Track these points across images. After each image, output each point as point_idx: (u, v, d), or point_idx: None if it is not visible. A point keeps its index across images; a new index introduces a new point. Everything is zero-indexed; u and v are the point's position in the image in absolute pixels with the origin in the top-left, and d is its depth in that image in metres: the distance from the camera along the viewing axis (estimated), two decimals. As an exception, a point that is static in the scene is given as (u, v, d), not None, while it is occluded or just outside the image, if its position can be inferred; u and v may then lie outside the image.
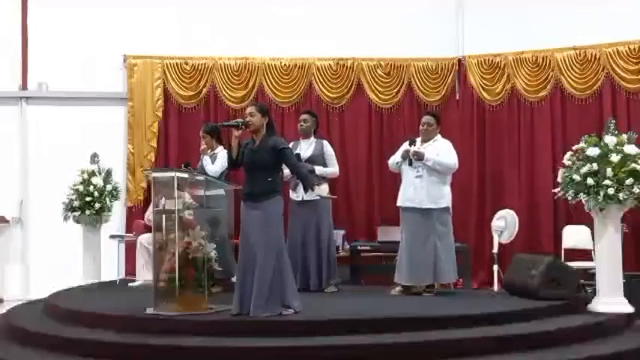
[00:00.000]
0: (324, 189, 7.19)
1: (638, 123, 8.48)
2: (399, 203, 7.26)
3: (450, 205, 7.19)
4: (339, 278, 7.52)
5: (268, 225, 5.65)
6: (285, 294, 5.66)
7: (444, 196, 7.10)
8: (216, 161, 7.43)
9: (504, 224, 7.81)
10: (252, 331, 5.33)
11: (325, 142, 7.62)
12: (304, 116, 7.63)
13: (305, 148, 7.47)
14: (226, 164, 7.36)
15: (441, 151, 7.12)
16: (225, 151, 7.47)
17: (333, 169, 7.52)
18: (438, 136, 7.29)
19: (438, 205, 7.05)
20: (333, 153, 7.59)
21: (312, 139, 7.55)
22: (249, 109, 5.90)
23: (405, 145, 7.24)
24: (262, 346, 5.05)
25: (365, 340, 5.16)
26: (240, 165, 5.94)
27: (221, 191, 6.72)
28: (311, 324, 5.46)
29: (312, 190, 5.91)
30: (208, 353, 5.03)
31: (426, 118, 7.31)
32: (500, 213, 7.98)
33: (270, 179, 5.73)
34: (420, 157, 7.04)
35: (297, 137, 7.70)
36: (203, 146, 7.62)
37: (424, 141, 7.19)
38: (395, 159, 7.31)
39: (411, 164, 7.10)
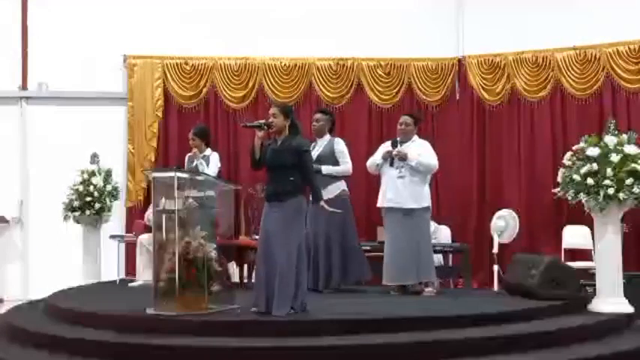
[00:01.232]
0: (331, 190, 7.16)
1: (638, 123, 8.49)
2: (379, 204, 7.26)
3: (430, 205, 7.22)
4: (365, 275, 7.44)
5: (290, 224, 5.62)
6: (297, 295, 5.66)
7: (425, 196, 7.13)
8: (210, 165, 7.40)
9: (504, 224, 7.81)
10: (252, 332, 5.32)
11: (337, 140, 7.44)
12: (317, 115, 7.49)
13: (317, 147, 7.30)
14: (219, 166, 7.42)
15: (422, 151, 7.14)
16: (216, 154, 7.52)
17: (343, 167, 7.34)
18: (416, 137, 7.30)
19: (420, 204, 7.08)
20: (344, 150, 7.39)
21: (327, 137, 7.42)
22: (271, 110, 5.83)
23: (384, 147, 7.24)
24: (262, 346, 5.05)
25: (365, 340, 5.15)
26: (263, 165, 5.88)
27: (211, 192, 6.69)
28: (311, 324, 5.45)
29: (318, 203, 5.85)
30: (208, 353, 5.02)
31: (403, 118, 7.32)
32: (500, 213, 7.98)
33: (292, 179, 5.68)
34: (403, 157, 7.04)
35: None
36: (194, 150, 7.55)
37: (402, 141, 7.20)
38: (375, 160, 7.28)
39: (392, 165, 7.10)
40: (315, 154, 7.20)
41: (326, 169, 7.23)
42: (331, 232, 7.23)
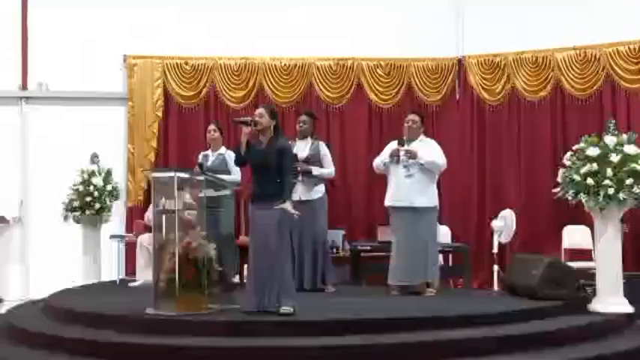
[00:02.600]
0: (318, 190, 7.31)
1: (638, 123, 8.49)
2: (387, 203, 7.25)
3: (438, 205, 7.21)
4: (336, 278, 7.51)
5: (280, 224, 5.67)
6: (287, 293, 5.68)
7: (433, 195, 7.15)
8: (232, 169, 7.52)
9: (503, 224, 7.81)
10: (252, 331, 5.33)
11: (321, 143, 7.59)
12: (303, 118, 7.61)
13: (302, 148, 7.45)
14: None
15: (431, 150, 7.14)
16: (233, 153, 7.58)
17: (328, 169, 7.50)
18: (423, 136, 7.30)
19: (428, 203, 7.09)
20: (328, 154, 7.56)
21: (309, 140, 7.54)
22: (258, 110, 5.94)
23: (391, 146, 7.23)
24: (262, 346, 5.06)
25: (364, 340, 5.16)
26: (247, 163, 5.99)
27: (228, 191, 6.77)
28: (311, 324, 5.46)
29: (283, 204, 5.71)
30: (208, 353, 5.03)
31: (411, 116, 7.33)
32: (501, 213, 7.98)
33: (278, 181, 5.75)
34: (413, 155, 7.04)
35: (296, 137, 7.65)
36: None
37: (410, 140, 7.19)
38: (382, 160, 7.28)
39: (398, 162, 7.09)
40: (301, 155, 7.35)
41: (316, 170, 7.35)
42: (317, 233, 7.32)
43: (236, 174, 7.53)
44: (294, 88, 9.70)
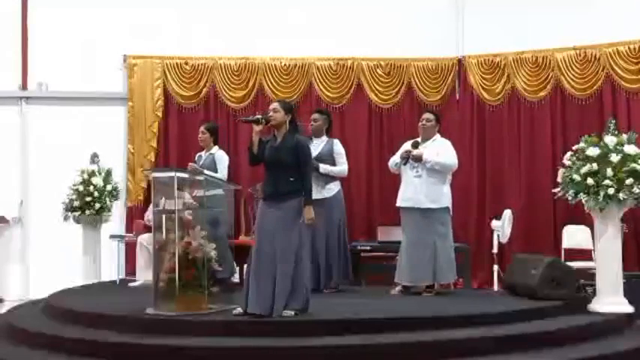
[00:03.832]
0: (331, 188, 7.29)
1: (638, 123, 8.49)
2: (398, 203, 7.25)
3: (450, 205, 7.19)
4: (344, 279, 7.47)
5: (291, 224, 5.55)
6: (295, 296, 5.62)
7: (443, 196, 7.10)
8: (220, 168, 7.48)
9: (502, 224, 7.81)
10: (252, 332, 5.33)
11: (336, 141, 7.51)
12: (315, 115, 7.54)
13: (315, 147, 7.32)
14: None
15: (441, 150, 7.12)
16: (224, 156, 7.57)
17: (340, 167, 7.40)
18: (437, 136, 7.29)
19: (437, 204, 7.05)
20: (342, 152, 7.46)
21: (324, 138, 7.47)
22: (272, 105, 5.78)
23: (406, 146, 7.22)
24: (262, 346, 5.06)
25: (364, 340, 5.16)
26: (261, 161, 5.77)
27: (220, 191, 6.75)
28: (311, 324, 5.45)
29: (303, 207, 5.63)
30: (208, 353, 5.03)
31: (425, 115, 7.33)
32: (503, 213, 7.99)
33: (292, 179, 5.60)
34: (418, 159, 7.03)
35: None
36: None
37: (424, 139, 7.18)
38: (395, 160, 7.29)
39: (406, 164, 7.09)
40: (313, 153, 7.23)
41: (324, 168, 7.29)
42: (330, 232, 7.25)
43: (220, 174, 7.45)
44: (294, 88, 9.71)
